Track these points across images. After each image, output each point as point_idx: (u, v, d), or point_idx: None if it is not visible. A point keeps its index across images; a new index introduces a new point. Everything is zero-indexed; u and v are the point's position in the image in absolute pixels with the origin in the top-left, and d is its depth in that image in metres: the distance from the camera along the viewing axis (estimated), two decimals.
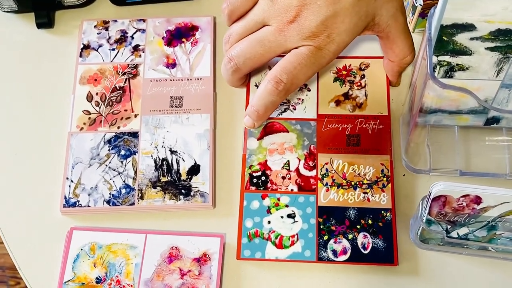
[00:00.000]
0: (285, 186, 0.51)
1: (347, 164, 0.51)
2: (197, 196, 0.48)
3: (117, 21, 0.56)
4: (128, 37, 0.55)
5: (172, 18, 0.56)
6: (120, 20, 0.56)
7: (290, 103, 0.53)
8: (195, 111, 0.51)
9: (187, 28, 0.55)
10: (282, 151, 0.53)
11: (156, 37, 0.54)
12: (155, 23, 0.55)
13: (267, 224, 0.49)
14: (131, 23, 0.56)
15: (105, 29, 0.55)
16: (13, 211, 0.51)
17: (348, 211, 0.50)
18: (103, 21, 0.56)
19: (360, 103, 0.54)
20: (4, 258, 1.40)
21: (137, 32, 0.55)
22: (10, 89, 0.56)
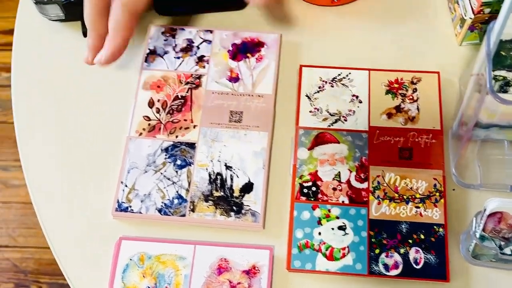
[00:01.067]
0: (336, 198, 0.59)
1: (399, 177, 0.59)
2: (248, 214, 0.53)
3: (185, 30, 0.61)
4: (194, 46, 0.60)
5: (239, 32, 0.61)
6: (188, 29, 0.61)
7: (341, 114, 0.62)
8: (253, 128, 0.56)
9: (253, 44, 0.60)
10: (333, 162, 0.60)
11: (221, 50, 0.59)
12: (222, 36, 0.60)
13: (317, 235, 0.57)
14: (198, 33, 0.61)
15: (172, 36, 0.60)
16: (64, 214, 0.62)
17: (400, 225, 0.57)
18: (170, 28, 0.61)
19: (412, 117, 0.62)
20: (26, 262, 1.47)
21: (203, 42, 0.60)
22: (68, 92, 0.67)
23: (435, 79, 0.64)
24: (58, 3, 0.64)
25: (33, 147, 0.64)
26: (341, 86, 0.64)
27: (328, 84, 0.64)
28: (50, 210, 0.61)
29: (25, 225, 1.50)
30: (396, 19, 0.69)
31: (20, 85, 0.67)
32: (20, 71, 0.68)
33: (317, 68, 0.65)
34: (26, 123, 0.66)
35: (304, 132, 0.62)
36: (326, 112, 0.63)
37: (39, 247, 1.46)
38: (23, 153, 0.64)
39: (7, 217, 1.50)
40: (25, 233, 1.48)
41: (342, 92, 0.64)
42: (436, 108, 0.62)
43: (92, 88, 0.66)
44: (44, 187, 0.62)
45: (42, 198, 0.62)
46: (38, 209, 0.61)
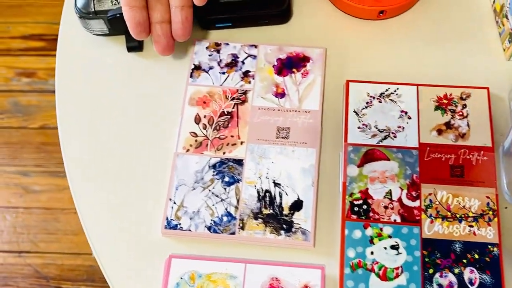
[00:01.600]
0: (388, 216, 0.58)
1: (451, 195, 0.59)
2: (299, 233, 0.52)
3: (229, 45, 0.61)
4: (239, 62, 0.60)
5: (284, 47, 0.61)
6: (232, 44, 0.61)
7: (391, 130, 0.62)
8: (301, 145, 0.56)
9: (298, 58, 0.60)
10: (384, 179, 0.60)
11: (266, 65, 0.59)
12: (267, 50, 0.60)
13: (370, 254, 0.57)
14: (243, 48, 0.60)
15: (216, 51, 0.60)
16: (112, 232, 0.62)
17: (454, 245, 0.57)
18: (215, 43, 0.61)
19: (462, 133, 0.61)
20: (48, 268, 1.48)
21: (248, 57, 0.60)
22: (113, 108, 0.67)
23: (484, 95, 0.63)
24: (103, 18, 0.64)
25: (80, 166, 0.64)
26: (389, 101, 0.63)
27: (376, 99, 0.64)
28: (98, 228, 0.61)
29: (46, 230, 1.50)
30: (443, 33, 0.68)
31: (63, 100, 0.67)
32: (63, 86, 0.68)
33: (364, 84, 0.64)
34: (71, 141, 0.65)
35: (353, 149, 0.61)
36: (375, 128, 0.62)
37: (61, 252, 1.47)
38: (70, 174, 0.63)
39: (28, 222, 1.51)
40: (47, 239, 1.49)
41: (390, 108, 0.63)
42: (487, 124, 0.62)
43: (137, 103, 0.66)
44: (92, 206, 0.62)
45: (91, 217, 0.61)
46: (87, 228, 0.60)
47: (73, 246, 1.48)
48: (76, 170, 0.64)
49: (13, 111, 1.62)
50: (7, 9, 1.72)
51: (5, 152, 1.58)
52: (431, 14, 0.69)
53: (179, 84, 0.66)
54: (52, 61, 1.69)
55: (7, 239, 1.49)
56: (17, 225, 1.51)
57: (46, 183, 1.54)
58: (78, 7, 0.64)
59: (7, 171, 1.55)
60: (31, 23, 1.71)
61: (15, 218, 1.52)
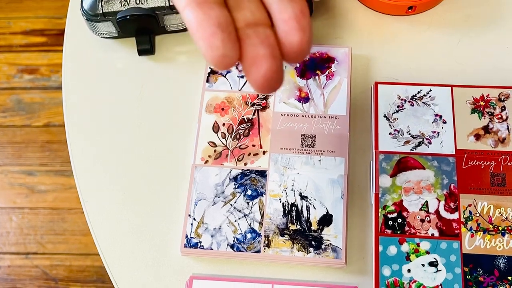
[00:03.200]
0: (425, 230, 0.54)
1: (493, 206, 0.55)
2: (329, 250, 0.49)
3: None
4: None
5: None
6: None
7: (425, 136, 0.58)
8: (328, 153, 0.51)
9: (322, 59, 0.56)
10: (419, 190, 0.56)
11: (288, 67, 0.55)
12: None
13: (407, 272, 0.53)
14: None
15: None
16: (128, 251, 0.58)
17: (497, 260, 0.53)
18: None
19: (502, 138, 0.57)
20: (56, 269, 1.45)
21: None
22: (124, 116, 0.63)
23: None
24: (112, 20, 0.60)
25: (92, 181, 0.59)
26: (422, 104, 0.59)
27: (408, 102, 0.59)
28: (113, 249, 0.56)
29: (53, 231, 1.48)
30: (476, 29, 0.63)
31: (72, 109, 0.62)
32: (71, 94, 0.63)
33: (394, 86, 0.59)
34: (82, 153, 0.60)
35: (385, 157, 0.57)
36: (408, 134, 0.58)
37: (69, 253, 1.44)
38: (82, 189, 0.59)
39: (35, 223, 1.48)
40: (54, 240, 1.46)
41: (423, 111, 0.58)
42: None
43: (151, 111, 0.62)
44: (106, 225, 0.57)
45: (105, 236, 0.57)
46: (101, 248, 0.56)
47: (82, 246, 1.45)
48: (89, 188, 0.59)
49: (16, 109, 1.58)
50: (8, 4, 1.68)
51: (9, 151, 1.54)
52: (463, 8, 0.64)
53: (195, 89, 0.61)
54: (54, 57, 1.65)
55: (13, 241, 1.46)
56: (24, 226, 1.48)
57: (51, 182, 1.51)
58: (84, 9, 0.60)
59: (12, 171, 1.52)
60: (32, 18, 1.66)
61: (21, 219, 1.49)
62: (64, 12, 0.67)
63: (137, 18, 0.59)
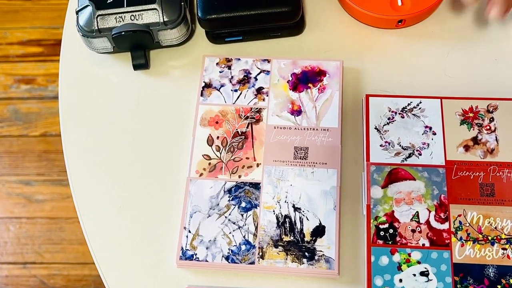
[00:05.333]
0: (416, 240, 0.55)
1: (482, 216, 0.56)
2: (322, 261, 0.50)
3: (240, 60, 0.58)
4: (251, 78, 0.57)
5: (298, 60, 0.58)
6: (244, 59, 0.58)
7: (415, 148, 0.59)
8: (321, 165, 0.52)
9: (314, 73, 0.57)
10: (410, 201, 0.57)
11: (281, 80, 0.56)
12: (280, 65, 0.57)
13: (398, 282, 0.54)
14: (255, 63, 0.58)
15: (227, 67, 0.57)
16: (124, 263, 0.59)
17: (487, 269, 0.54)
18: (226, 59, 0.58)
19: (491, 149, 0.58)
20: (54, 278, 1.47)
21: (261, 73, 0.57)
22: (120, 129, 0.64)
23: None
24: (108, 36, 0.61)
25: (88, 192, 0.60)
26: (412, 116, 0.60)
27: (398, 114, 0.60)
28: (110, 259, 0.57)
29: (51, 240, 1.48)
30: (465, 41, 0.64)
31: (68, 122, 0.63)
32: (67, 107, 0.64)
33: (384, 98, 0.61)
34: (77, 164, 0.62)
35: (376, 169, 0.58)
36: (398, 145, 0.59)
37: (66, 263, 1.44)
38: (78, 201, 0.60)
39: (32, 233, 1.48)
40: (52, 249, 1.46)
41: (414, 123, 0.60)
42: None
43: (145, 125, 0.63)
44: (103, 236, 0.58)
45: (102, 249, 0.58)
46: (97, 259, 0.57)
47: (79, 255, 1.45)
48: (85, 200, 0.60)
49: (13, 119, 1.59)
50: (4, 14, 1.68)
51: (6, 161, 1.55)
52: (451, 21, 0.66)
53: (189, 103, 0.63)
54: (51, 67, 1.66)
55: (11, 251, 1.46)
56: (21, 236, 1.48)
57: (49, 191, 1.51)
58: (80, 25, 0.61)
59: (9, 181, 1.52)
60: (29, 28, 1.67)
61: (19, 228, 1.49)
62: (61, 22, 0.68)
63: (132, 34, 0.60)
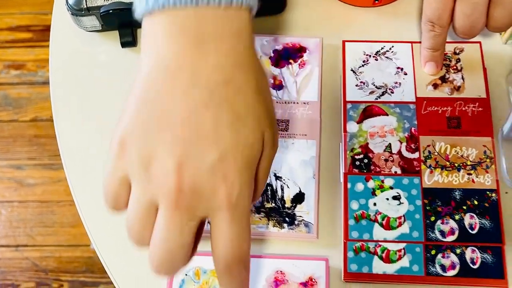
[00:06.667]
0: (388, 169, 0.60)
1: (449, 146, 0.61)
2: (301, 225, 0.53)
3: None
4: None
5: (279, 38, 0.61)
6: None
7: (388, 87, 0.64)
8: (301, 137, 0.56)
9: (295, 49, 0.60)
10: (383, 134, 0.62)
11: (263, 56, 0.59)
12: (263, 42, 0.60)
13: (372, 206, 0.59)
14: None
15: None
16: (120, 239, 0.60)
17: (453, 193, 0.59)
18: None
19: (458, 86, 0.64)
20: (46, 261, 1.47)
21: None
22: (110, 104, 0.67)
23: (477, 48, 0.65)
24: (96, 14, 0.64)
25: (81, 173, 0.64)
26: (385, 59, 0.65)
27: (373, 57, 0.65)
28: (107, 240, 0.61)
29: (42, 223, 1.51)
30: None
31: (59, 97, 0.67)
32: (58, 84, 0.68)
33: (360, 43, 0.66)
34: (69, 139, 0.65)
35: (352, 106, 0.63)
36: (372, 85, 0.64)
37: (58, 245, 1.47)
38: (72, 181, 0.63)
39: (24, 216, 1.51)
40: (43, 232, 1.49)
41: (386, 65, 0.65)
42: (481, 76, 0.64)
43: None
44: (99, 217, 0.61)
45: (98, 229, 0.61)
46: (94, 240, 0.60)
47: (71, 238, 1.48)
48: (80, 180, 0.63)
49: (3, 104, 1.61)
50: None
51: None
52: None
53: None
54: (40, 52, 1.67)
55: (3, 234, 1.49)
56: (13, 219, 1.51)
57: (40, 175, 1.54)
58: (69, 4, 0.64)
59: (0, 165, 1.55)
60: (18, 14, 1.69)
61: (10, 212, 1.52)
62: (50, 8, 0.70)
63: (119, 11, 0.63)
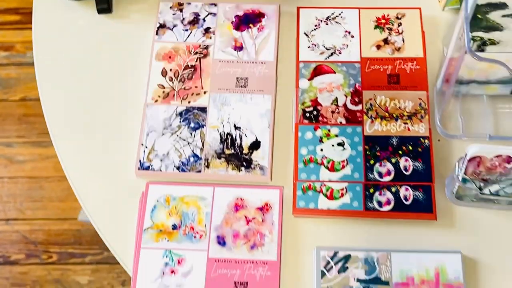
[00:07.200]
0: (335, 119, 0.68)
1: (389, 99, 0.69)
2: (257, 169, 0.60)
3: (191, 4, 0.69)
4: (200, 19, 0.67)
5: (241, 4, 0.68)
6: (194, 3, 0.68)
7: (336, 48, 0.71)
8: (258, 92, 0.63)
9: (254, 15, 0.67)
10: (331, 89, 0.69)
11: (226, 21, 0.66)
12: (226, 8, 0.67)
13: (320, 151, 0.67)
14: (204, 7, 0.68)
15: (179, 10, 0.67)
16: (91, 175, 0.70)
17: (391, 139, 0.67)
18: (178, 3, 0.68)
19: (398, 47, 0.72)
20: (36, 234, 1.54)
21: (209, 15, 0.67)
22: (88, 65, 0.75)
23: (417, 14, 0.73)
24: None
25: (60, 119, 0.71)
26: (335, 23, 0.73)
27: (323, 22, 0.73)
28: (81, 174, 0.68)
29: (32, 198, 1.55)
30: None
31: (42, 62, 0.75)
32: (41, 49, 0.75)
33: (312, 9, 0.74)
34: (51, 97, 0.73)
35: (304, 65, 0.71)
36: (323, 47, 0.72)
37: (47, 218, 1.52)
38: (51, 124, 0.71)
39: (14, 191, 1.56)
40: (33, 206, 1.54)
41: (336, 29, 0.73)
42: (419, 38, 0.72)
43: (109, 61, 0.74)
44: (73, 155, 0.70)
45: (72, 165, 0.69)
46: (69, 175, 0.68)
47: (59, 212, 1.53)
48: (58, 125, 0.71)
49: None
50: None
51: None
52: None
53: (146, 41, 0.73)
54: (29, 34, 1.72)
55: None
56: (3, 194, 1.56)
57: (29, 153, 1.59)
58: None
59: None
60: None
61: (1, 187, 1.57)
62: None
63: None
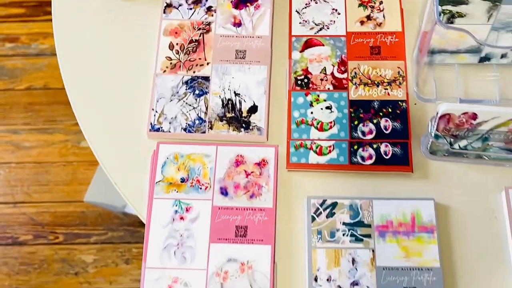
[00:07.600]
0: (323, 86, 0.77)
1: (371, 68, 0.78)
2: (255, 130, 0.68)
3: None
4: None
5: None
6: None
7: (324, 24, 0.81)
8: (255, 63, 0.71)
9: None
10: (320, 60, 0.79)
11: (226, 1, 0.74)
12: None
13: (310, 114, 0.76)
14: None
15: None
16: (108, 137, 0.78)
17: (373, 103, 0.76)
18: None
19: (380, 23, 0.81)
20: (42, 216, 1.61)
21: None
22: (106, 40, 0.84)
23: None
24: None
25: (79, 88, 0.80)
26: (323, 2, 0.83)
27: (313, 1, 0.83)
28: (98, 136, 0.77)
29: (38, 182, 1.61)
30: None
31: (61, 37, 0.83)
32: (59, 25, 0.84)
33: None
34: (71, 69, 0.81)
35: (296, 39, 0.80)
36: (312, 23, 0.81)
37: (53, 201, 1.58)
38: (71, 93, 0.80)
39: (21, 176, 1.62)
40: (39, 190, 1.60)
41: (324, 7, 0.82)
42: (398, 15, 0.81)
43: (123, 37, 0.82)
44: (92, 121, 0.78)
45: (91, 129, 0.77)
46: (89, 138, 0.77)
47: (65, 195, 1.59)
48: (78, 95, 0.80)
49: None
50: None
51: None
52: None
53: (155, 19, 0.82)
54: (33, 26, 1.80)
55: (2, 192, 1.59)
56: (11, 179, 1.62)
57: (35, 139, 1.65)
58: None
59: None
60: None
61: (8, 172, 1.63)
62: None
63: None
